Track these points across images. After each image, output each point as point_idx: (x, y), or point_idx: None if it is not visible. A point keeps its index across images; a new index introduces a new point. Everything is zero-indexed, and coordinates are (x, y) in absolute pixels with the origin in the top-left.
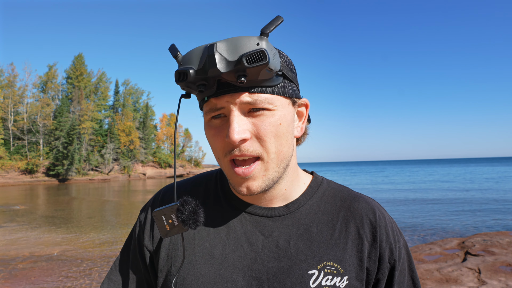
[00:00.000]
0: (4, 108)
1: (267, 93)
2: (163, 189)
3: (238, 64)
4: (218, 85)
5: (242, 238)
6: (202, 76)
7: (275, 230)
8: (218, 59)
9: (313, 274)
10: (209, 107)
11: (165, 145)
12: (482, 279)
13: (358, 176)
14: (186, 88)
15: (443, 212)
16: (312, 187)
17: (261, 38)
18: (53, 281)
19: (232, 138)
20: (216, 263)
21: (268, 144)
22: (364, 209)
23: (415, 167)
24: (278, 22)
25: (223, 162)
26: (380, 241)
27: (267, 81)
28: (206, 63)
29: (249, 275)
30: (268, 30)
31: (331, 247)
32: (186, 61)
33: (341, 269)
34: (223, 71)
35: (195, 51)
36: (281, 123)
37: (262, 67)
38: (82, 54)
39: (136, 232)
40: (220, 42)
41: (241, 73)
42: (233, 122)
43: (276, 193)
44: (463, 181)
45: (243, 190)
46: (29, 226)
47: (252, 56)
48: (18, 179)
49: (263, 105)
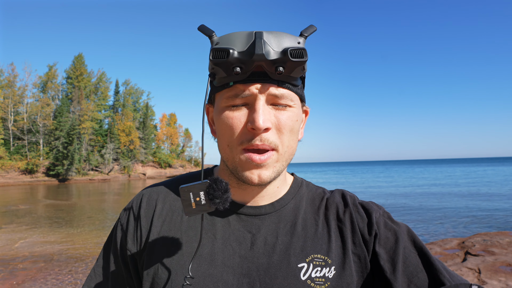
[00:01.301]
0: (4, 108)
1: (292, 91)
2: (145, 191)
3: (283, 55)
4: (250, 74)
5: (230, 237)
6: (245, 58)
7: (263, 227)
8: (266, 45)
9: (302, 267)
10: (234, 92)
11: (165, 145)
12: (482, 279)
13: (359, 176)
14: (217, 68)
15: (443, 212)
16: (294, 187)
17: (301, 38)
18: (53, 281)
19: (258, 125)
20: (205, 263)
21: (284, 137)
22: (339, 201)
23: (415, 167)
24: (313, 29)
25: (235, 150)
26: (357, 222)
27: (294, 80)
28: (251, 47)
29: (239, 273)
30: (307, 33)
31: (317, 240)
32: (225, 42)
33: (328, 260)
34: (268, 58)
35: (237, 34)
36: (297, 120)
37: (301, 64)
38: (82, 54)
39: (117, 236)
40: (266, 32)
41: (281, 64)
42: (259, 109)
43: (269, 190)
44: (463, 181)
45: (254, 178)
46: (29, 226)
47: (296, 51)
48: (18, 179)
49: (286, 101)
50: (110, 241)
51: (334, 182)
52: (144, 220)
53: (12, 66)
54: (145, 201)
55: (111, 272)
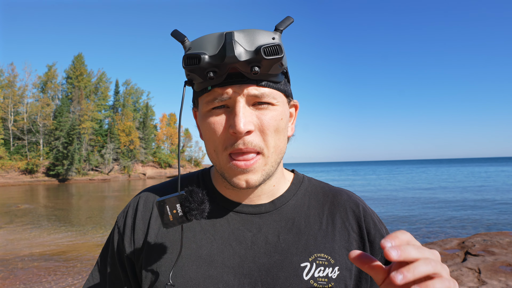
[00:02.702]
0: (4, 108)
1: (273, 88)
2: (142, 194)
3: (256, 54)
4: (226, 76)
5: (230, 237)
6: (217, 62)
7: (263, 226)
8: (237, 46)
9: (305, 266)
10: (213, 96)
11: (165, 145)
12: (482, 279)
13: (361, 176)
14: (192, 74)
15: (443, 211)
16: (295, 184)
17: (276, 33)
18: (53, 281)
19: (238, 129)
20: (204, 264)
21: (269, 138)
22: (347, 202)
23: (415, 167)
24: (289, 21)
25: (220, 156)
26: (368, 230)
27: (274, 77)
28: (223, 50)
29: (240, 273)
30: (282, 27)
31: (320, 239)
32: (197, 47)
33: (331, 260)
34: (241, 59)
35: (208, 37)
36: (282, 118)
37: (277, 61)
38: (82, 54)
39: (115, 240)
40: (237, 31)
41: (256, 64)
42: (239, 112)
43: (266, 189)
44: (463, 181)
45: (241, 183)
46: (29, 226)
47: (270, 48)
48: (18, 179)
49: (268, 100)
50: (108, 245)
51: (335, 181)
52: (141, 223)
53: (12, 66)
54: (142, 203)
55: (109, 276)
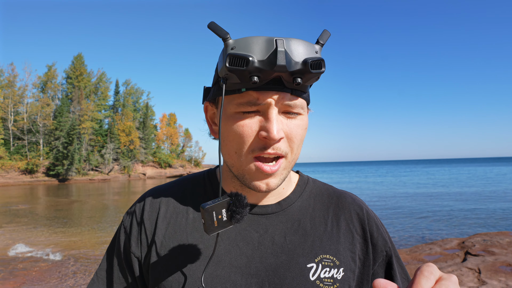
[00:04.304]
0: (4, 108)
1: (303, 99)
2: (148, 193)
3: (304, 66)
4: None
5: (237, 237)
6: (265, 68)
7: (270, 227)
8: (287, 56)
9: (311, 267)
10: (247, 99)
11: (165, 145)
12: (482, 279)
13: (363, 176)
14: (231, 74)
15: (443, 211)
16: (300, 185)
17: (319, 47)
18: (53, 281)
19: (272, 136)
20: (212, 264)
21: (295, 146)
22: (351, 205)
23: (414, 167)
24: (327, 35)
25: (245, 158)
26: (371, 233)
27: (306, 88)
28: (272, 57)
29: (247, 273)
30: (323, 41)
31: (326, 240)
32: (243, 47)
33: (336, 261)
34: (289, 70)
35: (256, 39)
36: (306, 127)
37: (319, 75)
38: (81, 54)
39: (121, 239)
40: (285, 39)
41: (299, 75)
42: (274, 120)
43: (275, 191)
44: (463, 181)
45: (262, 186)
46: (29, 226)
47: (316, 62)
48: (18, 179)
49: (297, 110)
50: (114, 245)
51: (336, 181)
52: (148, 223)
53: (12, 66)
54: (148, 203)
55: (114, 275)
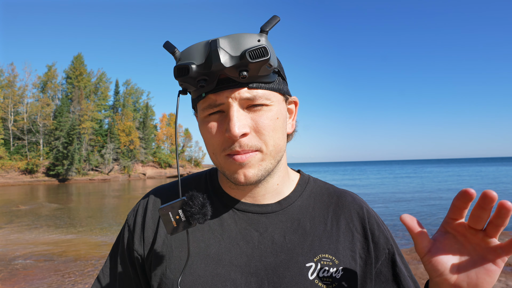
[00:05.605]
0: (4, 108)
1: (265, 89)
2: (152, 193)
3: (242, 59)
4: (217, 81)
5: (237, 236)
6: (205, 71)
7: (270, 226)
8: (222, 54)
9: (310, 266)
10: (207, 103)
11: (165, 145)
12: None
13: (364, 176)
14: (185, 84)
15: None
16: (301, 185)
17: (261, 35)
18: (53, 281)
19: (233, 133)
20: (212, 262)
21: (266, 138)
22: (351, 204)
23: (415, 167)
24: (275, 21)
25: (219, 156)
26: (372, 231)
27: (265, 77)
28: (209, 58)
29: (247, 272)
30: (268, 28)
31: (325, 240)
32: (186, 57)
33: (336, 260)
34: (227, 66)
35: (196, 46)
36: (278, 117)
37: (264, 63)
38: (81, 54)
39: (125, 237)
40: (222, 38)
41: (243, 68)
42: (233, 116)
43: (269, 188)
44: (464, 181)
45: (240, 177)
46: (29, 226)
47: (255, 51)
48: (18, 179)
49: (261, 101)
50: (118, 243)
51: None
52: (151, 222)
53: (12, 66)
54: (152, 202)
55: (118, 273)
